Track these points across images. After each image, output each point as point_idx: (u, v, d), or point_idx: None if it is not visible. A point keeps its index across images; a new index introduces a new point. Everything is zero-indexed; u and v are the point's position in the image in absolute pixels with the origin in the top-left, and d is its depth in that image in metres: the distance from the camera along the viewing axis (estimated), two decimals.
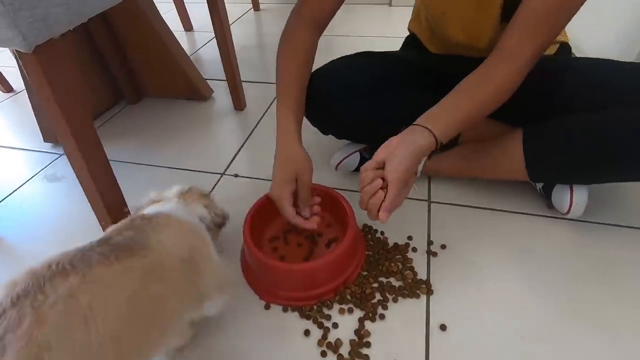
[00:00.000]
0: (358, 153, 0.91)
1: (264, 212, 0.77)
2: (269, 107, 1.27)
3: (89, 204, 0.73)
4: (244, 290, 0.72)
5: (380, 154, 0.60)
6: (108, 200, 0.73)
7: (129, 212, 0.77)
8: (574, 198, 0.75)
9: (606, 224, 0.79)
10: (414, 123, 0.63)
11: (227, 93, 1.27)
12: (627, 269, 0.70)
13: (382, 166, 0.59)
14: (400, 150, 0.58)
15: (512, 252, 0.75)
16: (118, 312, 0.44)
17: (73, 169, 0.69)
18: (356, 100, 0.79)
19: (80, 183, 0.71)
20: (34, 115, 1.14)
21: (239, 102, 1.25)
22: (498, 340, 0.62)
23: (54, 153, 1.13)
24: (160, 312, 0.49)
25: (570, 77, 0.74)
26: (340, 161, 0.92)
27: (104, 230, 0.75)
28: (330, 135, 0.90)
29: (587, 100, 0.71)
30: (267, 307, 0.69)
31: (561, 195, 0.78)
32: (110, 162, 0.72)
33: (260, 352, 0.62)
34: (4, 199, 0.99)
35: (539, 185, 0.83)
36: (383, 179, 0.58)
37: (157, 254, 0.50)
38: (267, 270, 0.69)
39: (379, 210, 0.58)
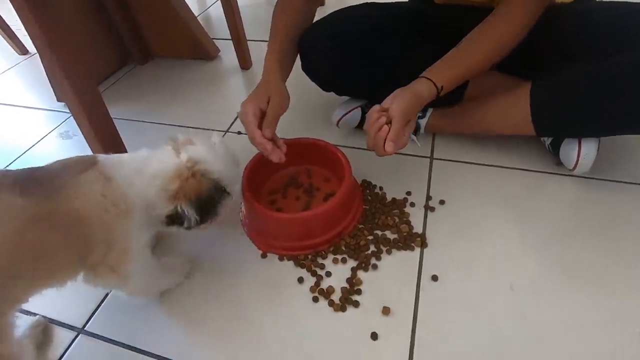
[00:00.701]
0: (360, 109, 0.89)
1: (264, 165, 0.77)
2: None
3: None
4: (242, 241, 0.74)
5: (385, 101, 0.64)
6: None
7: None
8: (582, 151, 0.71)
9: (613, 181, 0.76)
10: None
11: (233, 52, 1.25)
12: (628, 227, 0.68)
13: (387, 110, 0.63)
14: (402, 92, 0.64)
15: (512, 208, 0.74)
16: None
17: (78, 126, 0.71)
18: (351, 50, 0.77)
19: (86, 139, 0.73)
20: (47, 77, 1.17)
21: (244, 61, 1.23)
22: (488, 292, 0.62)
23: (65, 112, 1.17)
24: (43, 257, 0.48)
25: (586, 25, 0.69)
26: (341, 117, 0.90)
27: None
28: (332, 94, 0.88)
29: (602, 48, 0.66)
30: (263, 256, 0.71)
31: (569, 150, 0.75)
32: (119, 120, 0.75)
33: (256, 298, 0.65)
34: (21, 155, 1.03)
35: (548, 141, 0.80)
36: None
37: (59, 204, 0.48)
38: (263, 220, 0.70)
39: (384, 145, 0.61)
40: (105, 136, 0.72)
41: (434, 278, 0.64)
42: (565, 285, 0.61)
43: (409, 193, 0.79)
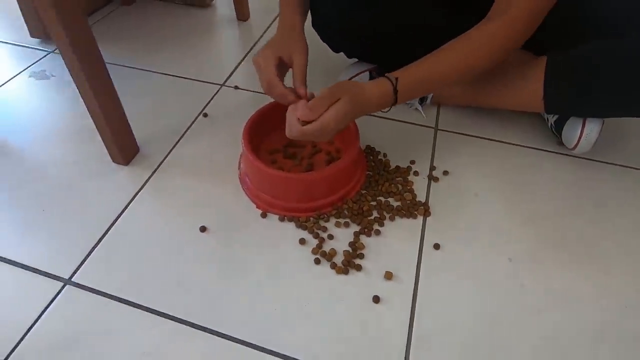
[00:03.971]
0: (368, 73, 0.86)
1: (265, 122, 0.74)
2: (275, 19, 1.18)
3: (84, 106, 0.69)
4: (241, 199, 0.71)
5: (319, 100, 0.58)
6: (103, 102, 0.68)
7: (124, 118, 0.73)
8: (585, 130, 0.72)
9: (610, 164, 0.78)
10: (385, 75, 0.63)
11: (230, 2, 1.16)
12: (621, 208, 0.70)
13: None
14: (344, 98, 0.58)
15: (513, 183, 0.74)
16: None
17: (67, 68, 0.63)
18: (359, 4, 0.73)
19: (76, 83, 0.66)
20: (18, 7, 1.05)
21: (242, 12, 1.15)
22: (487, 262, 0.63)
23: (43, 50, 1.06)
24: None
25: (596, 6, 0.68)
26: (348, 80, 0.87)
27: (98, 131, 0.72)
28: (340, 57, 0.84)
29: (612, 27, 0.66)
30: (263, 215, 0.68)
31: (572, 129, 0.75)
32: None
33: (255, 258, 0.63)
34: None
35: (552, 120, 0.80)
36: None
37: None
38: (265, 178, 0.67)
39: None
40: (97, 79, 0.65)
41: (436, 246, 0.64)
42: (559, 259, 0.63)
43: (412, 162, 0.77)
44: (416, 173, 0.76)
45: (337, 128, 0.59)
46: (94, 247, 0.64)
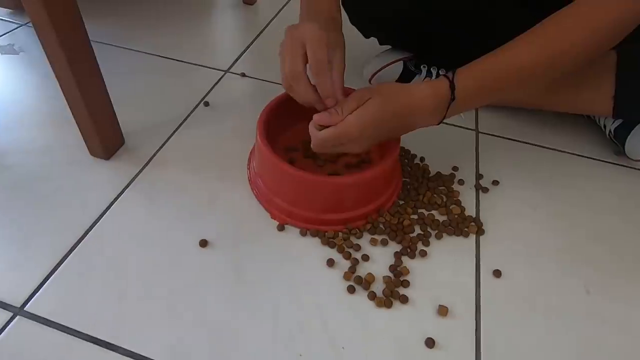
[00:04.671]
0: (401, 63, 0.73)
1: (284, 113, 0.60)
2: (285, 3, 1.05)
3: (59, 87, 0.54)
4: (251, 206, 0.57)
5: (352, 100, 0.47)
6: (86, 88, 0.54)
7: (110, 106, 0.59)
8: None
9: None
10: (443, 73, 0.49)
11: None
12: None
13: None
14: (383, 98, 0.46)
15: (572, 196, 0.63)
16: None
17: (43, 46, 0.49)
18: None
19: (52, 65, 0.51)
20: None
21: None
22: (561, 293, 0.51)
23: (11, 21, 0.90)
24: None
25: None
26: (377, 71, 0.74)
27: (76, 120, 0.57)
28: (372, 40, 0.72)
29: None
30: (280, 228, 0.55)
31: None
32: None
33: (271, 284, 0.49)
34: None
35: (612, 126, 0.69)
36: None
37: None
38: (285, 180, 0.54)
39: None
40: (80, 62, 0.51)
41: (497, 273, 0.52)
42: None
43: (455, 168, 0.65)
44: (461, 182, 0.63)
45: (364, 136, 0.46)
46: (56, 267, 0.49)
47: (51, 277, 0.48)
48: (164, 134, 0.67)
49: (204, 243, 0.52)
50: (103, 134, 0.60)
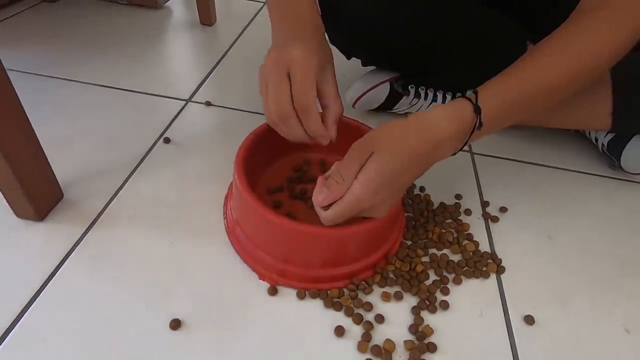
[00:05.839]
0: (388, 84, 0.67)
1: (262, 148, 0.51)
2: (249, 23, 0.97)
3: None
4: (232, 264, 0.47)
5: (351, 156, 0.40)
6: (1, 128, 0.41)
7: (39, 151, 0.46)
8: None
9: None
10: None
11: (186, 3, 0.94)
12: None
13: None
14: (391, 142, 0.38)
15: (585, 219, 0.58)
16: None
17: None
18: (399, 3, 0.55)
19: None
20: None
21: (206, 14, 0.93)
22: (600, 336, 0.44)
23: None
24: None
25: None
26: (362, 95, 0.67)
27: None
28: (353, 66, 0.65)
29: None
30: (271, 291, 0.44)
31: (638, 152, 0.62)
32: (13, 72, 0.41)
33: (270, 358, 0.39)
34: None
35: (605, 140, 0.66)
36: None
37: None
38: (276, 234, 0.44)
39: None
40: None
41: (529, 320, 0.45)
42: None
43: (458, 196, 0.59)
44: (468, 212, 0.57)
45: (379, 200, 0.39)
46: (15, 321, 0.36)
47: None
48: (115, 182, 0.55)
49: (175, 324, 0.40)
50: (31, 189, 0.47)
